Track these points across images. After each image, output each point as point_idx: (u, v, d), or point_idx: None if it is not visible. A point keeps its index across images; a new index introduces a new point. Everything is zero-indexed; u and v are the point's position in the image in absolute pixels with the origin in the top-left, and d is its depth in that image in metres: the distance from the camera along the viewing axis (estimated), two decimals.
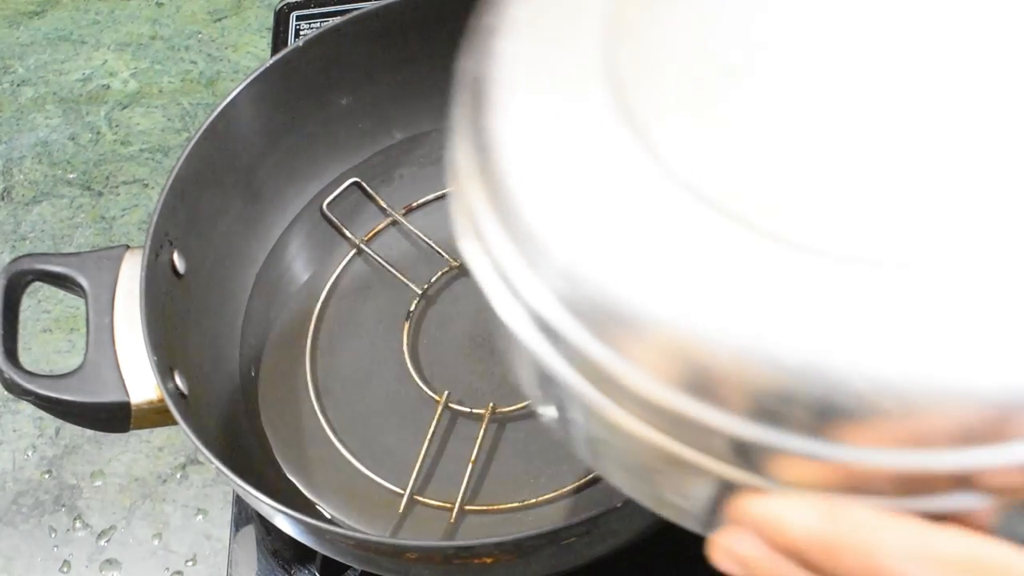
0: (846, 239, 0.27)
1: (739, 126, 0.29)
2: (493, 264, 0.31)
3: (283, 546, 0.62)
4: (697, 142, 0.29)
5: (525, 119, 0.31)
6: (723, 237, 0.27)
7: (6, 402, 0.72)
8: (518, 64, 0.32)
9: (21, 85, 0.90)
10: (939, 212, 0.27)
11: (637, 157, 0.29)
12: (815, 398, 0.26)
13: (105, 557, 0.67)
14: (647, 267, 0.28)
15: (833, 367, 0.26)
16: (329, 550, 0.52)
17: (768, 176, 0.29)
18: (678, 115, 0.30)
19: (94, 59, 0.91)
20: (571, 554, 0.49)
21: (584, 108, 0.30)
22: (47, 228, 0.82)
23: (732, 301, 0.27)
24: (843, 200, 0.28)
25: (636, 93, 0.30)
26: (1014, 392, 0.25)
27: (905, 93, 0.29)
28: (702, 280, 0.27)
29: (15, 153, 0.86)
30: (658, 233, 0.28)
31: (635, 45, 0.31)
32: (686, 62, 0.31)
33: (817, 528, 0.27)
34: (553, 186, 0.29)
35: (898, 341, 0.26)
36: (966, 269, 0.26)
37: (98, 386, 0.52)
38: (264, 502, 0.47)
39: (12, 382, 0.52)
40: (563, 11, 0.32)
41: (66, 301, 0.77)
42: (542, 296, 0.29)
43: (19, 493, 0.70)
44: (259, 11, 0.93)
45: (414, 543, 0.45)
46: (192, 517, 0.67)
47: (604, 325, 0.28)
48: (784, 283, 0.27)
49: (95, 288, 0.54)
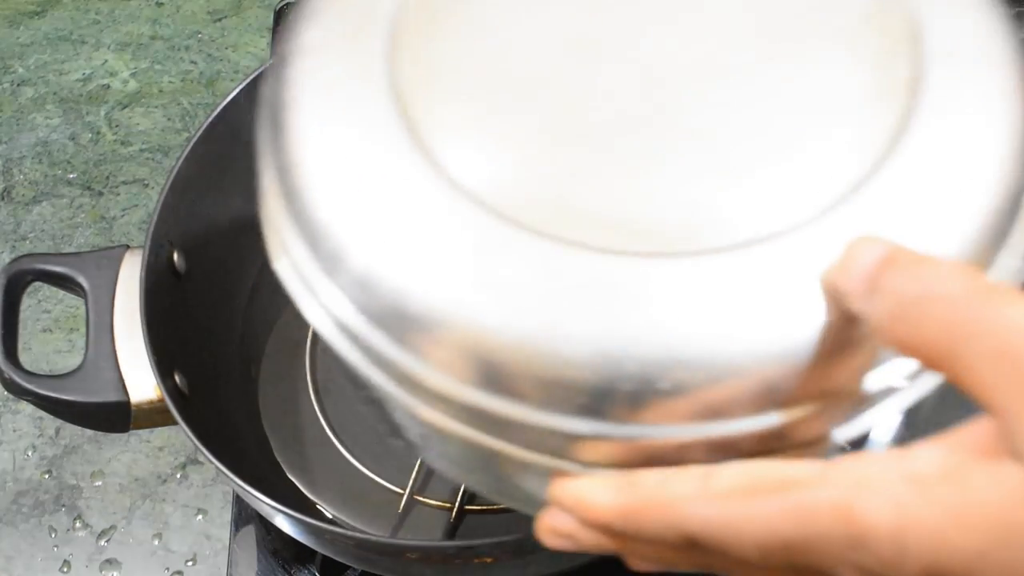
0: (615, 235, 0.30)
1: (516, 134, 0.32)
2: (300, 278, 0.32)
3: (283, 546, 0.62)
4: (478, 151, 0.32)
5: (319, 141, 0.32)
6: (504, 240, 0.30)
7: (6, 402, 0.72)
8: (309, 88, 0.34)
9: (21, 85, 0.90)
10: (697, 205, 0.30)
11: (420, 169, 0.31)
12: (597, 384, 0.29)
13: (105, 557, 0.67)
14: (435, 272, 0.30)
15: (610, 354, 0.28)
16: (329, 550, 0.52)
17: (544, 179, 0.31)
18: (458, 126, 0.32)
19: (94, 59, 0.91)
20: (571, 554, 0.49)
21: (371, 126, 0.32)
22: (47, 228, 0.82)
23: (515, 299, 0.29)
24: (612, 199, 0.30)
25: (419, 108, 0.32)
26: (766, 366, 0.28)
27: (664, 97, 0.32)
28: (486, 280, 0.29)
29: (15, 153, 0.86)
30: (443, 239, 0.30)
31: (417, 61, 0.33)
32: (465, 75, 0.33)
33: (615, 501, 0.30)
34: (346, 202, 0.31)
35: (663, 326, 0.28)
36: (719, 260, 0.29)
37: (98, 386, 0.52)
38: (264, 502, 0.47)
39: (12, 382, 0.52)
40: (348, 34, 0.34)
41: (66, 301, 0.77)
42: (343, 305, 0.31)
43: (19, 493, 0.69)
44: (259, 11, 0.93)
45: (414, 543, 0.45)
46: (192, 517, 0.67)
47: (401, 329, 0.30)
48: (562, 279, 0.29)
49: (95, 288, 0.54)
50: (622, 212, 0.30)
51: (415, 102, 0.32)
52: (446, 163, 0.31)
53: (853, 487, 0.27)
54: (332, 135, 0.32)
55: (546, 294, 0.29)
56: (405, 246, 0.30)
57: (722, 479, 0.28)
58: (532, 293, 0.29)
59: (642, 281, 0.29)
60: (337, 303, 0.32)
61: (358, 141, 0.32)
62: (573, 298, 0.29)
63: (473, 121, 0.32)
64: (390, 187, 0.31)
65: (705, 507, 0.28)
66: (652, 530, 0.29)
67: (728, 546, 0.28)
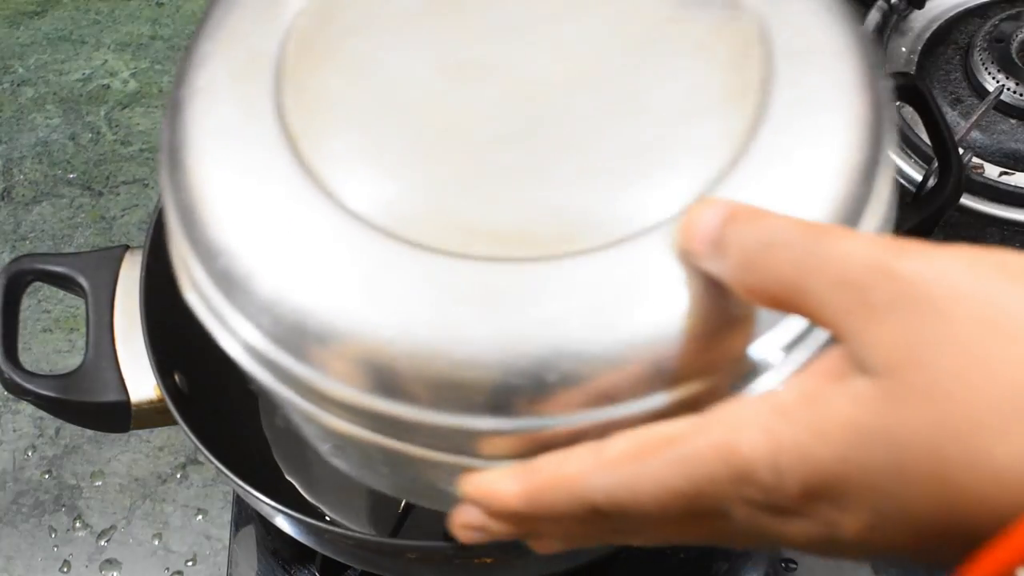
0: (497, 244, 0.32)
1: (400, 157, 0.34)
2: (209, 308, 0.35)
3: (283, 546, 0.62)
4: (364, 176, 0.34)
5: (215, 180, 0.35)
6: (393, 256, 0.32)
7: (6, 402, 0.72)
8: (203, 130, 0.36)
9: (21, 85, 0.90)
10: (571, 210, 0.33)
11: (312, 198, 0.34)
12: (490, 382, 0.31)
13: (105, 557, 0.67)
14: (331, 292, 0.32)
15: (499, 353, 0.31)
16: (329, 550, 0.52)
17: (428, 197, 0.33)
18: (345, 154, 0.34)
19: (94, 59, 0.91)
20: (571, 555, 0.49)
21: (263, 161, 0.35)
22: (47, 228, 0.82)
23: (406, 309, 0.31)
24: (492, 210, 0.33)
25: (307, 140, 0.35)
26: (648, 351, 0.31)
27: (536, 113, 0.35)
28: (378, 295, 0.32)
29: (15, 153, 0.86)
30: (336, 261, 0.32)
31: (302, 96, 0.36)
32: (348, 106, 0.36)
33: (518, 488, 0.32)
34: (244, 235, 0.34)
35: (546, 324, 0.31)
36: (594, 258, 0.32)
37: (98, 386, 0.52)
38: (264, 502, 0.47)
39: (12, 382, 0.52)
40: (236, 75, 0.37)
41: (66, 301, 0.77)
42: (249, 330, 0.34)
43: (19, 493, 0.70)
44: None
45: (414, 543, 0.45)
46: (192, 517, 0.67)
47: (303, 347, 0.32)
48: (450, 288, 0.31)
49: (95, 288, 0.54)
50: (503, 222, 0.33)
51: (303, 135, 0.35)
52: (335, 190, 0.33)
53: (729, 428, 0.29)
54: (227, 173, 0.35)
55: (435, 303, 0.31)
56: (301, 271, 0.32)
57: (613, 448, 0.31)
58: (422, 303, 0.31)
59: (525, 284, 0.31)
60: (244, 328, 0.34)
61: (251, 177, 0.34)
62: (461, 305, 0.31)
63: (358, 148, 0.35)
64: (284, 218, 0.33)
65: (601, 476, 0.30)
66: (557, 508, 0.31)
67: (628, 507, 0.30)
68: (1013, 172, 0.73)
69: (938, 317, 0.26)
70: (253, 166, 0.34)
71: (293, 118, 0.35)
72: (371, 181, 0.34)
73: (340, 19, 0.37)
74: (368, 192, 0.33)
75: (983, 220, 0.72)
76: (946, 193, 0.52)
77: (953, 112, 0.76)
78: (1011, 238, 0.72)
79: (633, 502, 0.30)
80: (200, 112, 0.36)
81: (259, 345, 0.33)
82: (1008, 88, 0.74)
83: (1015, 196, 0.72)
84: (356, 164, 0.34)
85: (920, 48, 0.78)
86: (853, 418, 0.27)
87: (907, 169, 0.73)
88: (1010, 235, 0.72)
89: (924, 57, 0.78)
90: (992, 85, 0.75)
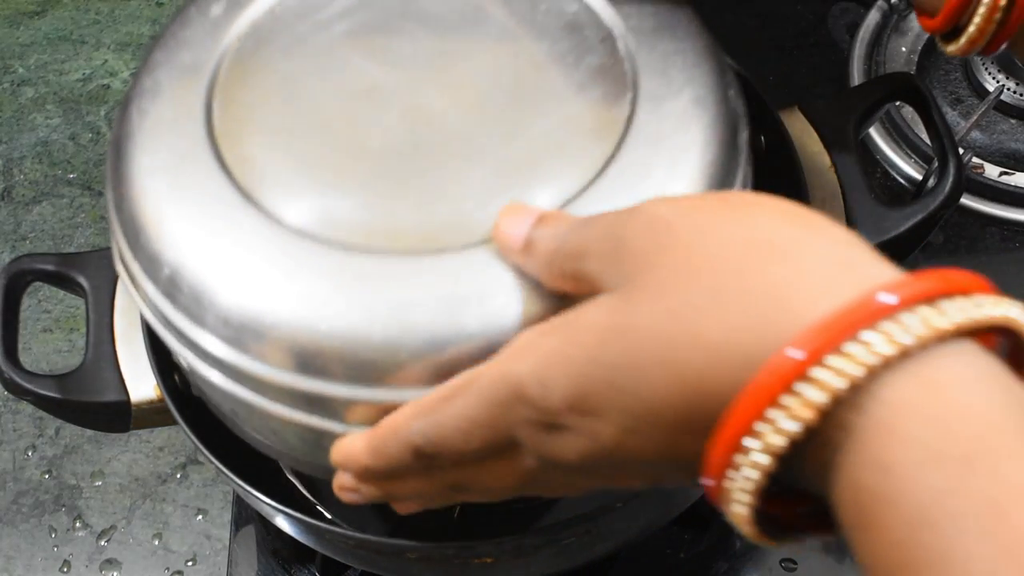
0: (382, 240, 0.38)
1: (310, 170, 0.41)
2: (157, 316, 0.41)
3: (283, 546, 0.62)
4: (278, 184, 0.40)
5: (144, 170, 0.41)
6: (313, 258, 0.38)
7: (6, 402, 0.73)
8: (142, 127, 0.42)
9: (21, 85, 0.90)
10: (446, 215, 0.39)
11: (223, 191, 0.40)
12: (345, 355, 0.37)
13: (105, 557, 0.67)
14: (262, 292, 0.38)
15: (357, 332, 0.37)
16: (329, 550, 0.52)
17: (335, 203, 0.40)
18: (262, 163, 0.41)
19: (94, 59, 0.91)
20: (571, 554, 0.49)
21: (187, 160, 0.41)
22: (47, 228, 0.82)
23: (316, 305, 0.37)
24: (384, 213, 0.39)
25: (232, 151, 0.41)
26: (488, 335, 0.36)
27: (430, 135, 0.41)
28: (302, 295, 0.38)
29: (15, 153, 0.86)
30: (267, 265, 0.38)
31: (228, 103, 0.42)
32: (265, 116, 0.42)
33: (363, 443, 0.37)
34: (191, 255, 0.39)
35: (401, 309, 0.37)
36: (453, 256, 0.38)
37: (98, 386, 0.52)
38: (264, 502, 0.47)
39: (12, 382, 0.52)
40: (176, 81, 0.43)
41: (66, 301, 0.77)
42: (186, 325, 0.39)
43: (19, 493, 0.70)
44: None
45: (414, 543, 0.45)
46: (192, 517, 0.67)
47: (243, 342, 0.38)
48: (319, 274, 0.38)
49: (95, 288, 0.54)
50: (379, 221, 0.39)
51: (225, 135, 0.41)
52: (247, 185, 0.40)
53: (509, 355, 0.33)
54: (155, 162, 0.41)
55: (307, 284, 0.38)
56: (240, 278, 0.38)
57: (429, 395, 0.35)
58: (297, 282, 0.38)
59: (386, 273, 0.37)
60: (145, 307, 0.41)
61: (176, 171, 0.41)
62: (331, 286, 0.37)
63: (270, 152, 0.41)
64: (202, 212, 0.40)
65: (419, 419, 0.35)
66: (392, 456, 0.36)
67: (440, 444, 0.35)
68: (1013, 172, 0.73)
69: (668, 234, 0.31)
70: (179, 159, 0.41)
71: (218, 122, 0.42)
72: (280, 181, 0.40)
73: (271, 44, 0.44)
74: (281, 197, 0.40)
75: (983, 220, 0.72)
76: (946, 193, 0.52)
77: (953, 112, 0.76)
78: (1011, 238, 0.72)
79: (442, 438, 0.34)
80: (141, 110, 0.43)
81: (213, 348, 0.39)
82: (1008, 88, 0.74)
83: (1015, 196, 0.72)
84: (268, 166, 0.41)
85: (920, 48, 0.78)
86: (598, 321, 0.31)
87: (907, 169, 0.73)
88: (1010, 235, 0.72)
89: (924, 57, 0.78)
90: (992, 85, 0.75)
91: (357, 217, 0.39)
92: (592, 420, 0.31)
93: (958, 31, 0.42)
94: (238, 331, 0.38)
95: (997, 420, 0.26)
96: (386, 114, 0.41)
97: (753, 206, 0.31)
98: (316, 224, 0.39)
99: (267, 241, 0.39)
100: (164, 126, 0.42)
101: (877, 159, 0.75)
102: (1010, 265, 0.71)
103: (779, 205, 0.31)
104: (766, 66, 0.80)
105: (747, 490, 0.28)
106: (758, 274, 0.29)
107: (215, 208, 0.40)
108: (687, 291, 0.30)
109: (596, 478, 0.34)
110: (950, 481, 0.25)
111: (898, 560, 0.26)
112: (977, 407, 0.26)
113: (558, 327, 0.32)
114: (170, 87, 0.43)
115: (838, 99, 0.56)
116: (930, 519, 0.25)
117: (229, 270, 0.38)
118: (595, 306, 0.32)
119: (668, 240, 0.31)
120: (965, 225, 0.72)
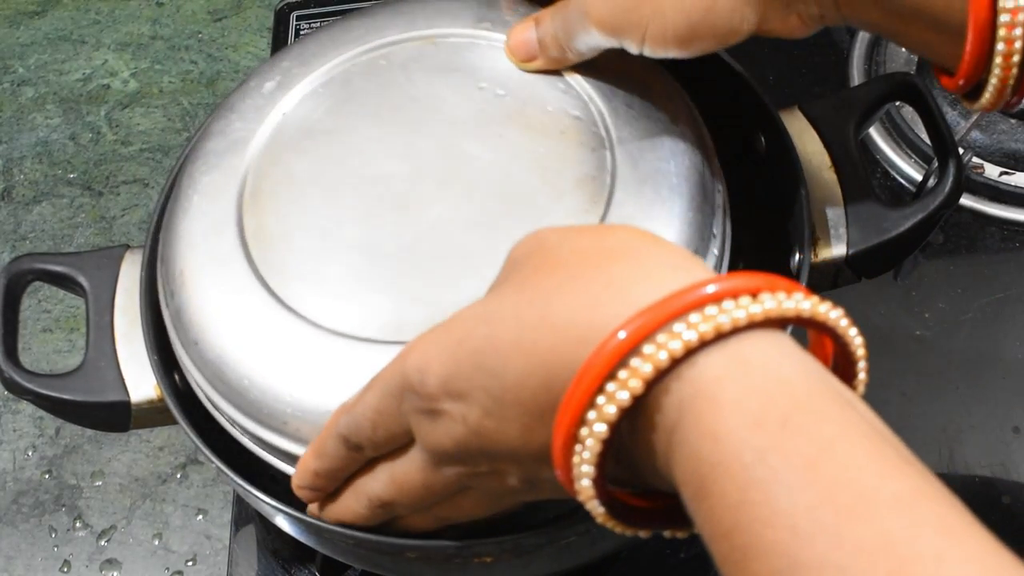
0: (367, 331, 0.44)
1: (318, 265, 0.47)
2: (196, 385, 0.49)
3: (283, 546, 0.62)
4: (308, 286, 0.46)
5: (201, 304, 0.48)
6: (315, 344, 0.45)
7: (6, 402, 0.73)
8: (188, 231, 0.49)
9: (21, 85, 0.90)
10: (432, 308, 0.43)
11: (262, 300, 0.46)
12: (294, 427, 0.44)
13: (105, 557, 0.67)
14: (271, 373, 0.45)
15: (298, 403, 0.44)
16: (329, 550, 0.52)
17: (336, 295, 0.46)
18: (286, 266, 0.47)
19: (94, 59, 0.91)
20: (571, 554, 0.49)
21: (226, 266, 0.48)
22: (47, 228, 0.82)
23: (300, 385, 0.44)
24: (375, 306, 0.45)
25: (262, 258, 0.47)
26: None
27: (437, 238, 0.46)
28: (297, 377, 0.45)
29: (15, 153, 0.86)
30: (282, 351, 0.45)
31: (258, 219, 0.49)
32: (298, 229, 0.48)
33: (311, 451, 0.42)
34: (222, 336, 0.46)
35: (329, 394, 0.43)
36: None
37: (98, 386, 0.52)
38: (264, 502, 0.47)
39: (12, 382, 0.52)
40: (212, 191, 0.50)
41: (66, 301, 0.77)
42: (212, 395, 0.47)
43: (19, 493, 0.70)
44: (259, 11, 0.93)
45: (414, 543, 0.45)
46: (192, 517, 0.67)
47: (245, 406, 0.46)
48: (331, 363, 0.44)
49: (95, 288, 0.54)
50: (384, 314, 0.45)
51: (258, 253, 0.47)
52: (281, 294, 0.46)
53: (405, 351, 0.37)
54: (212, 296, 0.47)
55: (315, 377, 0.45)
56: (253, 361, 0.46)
57: (354, 394, 0.39)
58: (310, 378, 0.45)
59: (373, 360, 0.42)
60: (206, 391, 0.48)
61: (230, 296, 0.47)
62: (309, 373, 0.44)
63: (294, 263, 0.47)
64: (241, 319, 0.46)
65: (343, 415, 0.39)
66: (331, 454, 0.41)
67: (355, 434, 0.39)
68: (1013, 172, 0.73)
69: (538, 244, 0.36)
70: (218, 263, 0.48)
71: (251, 237, 0.48)
72: (304, 287, 0.46)
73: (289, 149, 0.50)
74: (302, 295, 0.46)
75: (983, 220, 0.72)
76: (946, 193, 0.52)
77: (953, 112, 0.76)
78: (1011, 238, 0.72)
79: (358, 426, 0.39)
80: (186, 213, 0.50)
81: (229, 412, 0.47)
82: None
83: (1015, 196, 0.72)
84: (293, 270, 0.47)
85: None
86: (471, 313, 0.35)
87: (907, 169, 0.73)
88: (1010, 235, 0.72)
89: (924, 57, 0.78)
90: None
91: (367, 310, 0.45)
92: (461, 404, 0.35)
93: (980, 87, 0.41)
94: None
95: (806, 388, 0.30)
96: (398, 218, 0.47)
97: (615, 228, 0.37)
98: (342, 321, 0.45)
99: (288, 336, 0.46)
100: (203, 235, 0.49)
101: (877, 159, 0.75)
102: (1010, 265, 0.71)
103: (636, 229, 0.36)
104: (766, 66, 0.80)
105: (590, 462, 0.32)
106: (604, 271, 0.33)
107: (249, 307, 0.47)
108: (543, 283, 0.34)
109: (476, 478, 0.38)
110: (771, 440, 0.29)
111: (732, 521, 0.29)
112: (789, 378, 0.30)
113: (443, 322, 0.36)
114: (206, 199, 0.50)
115: (838, 99, 0.56)
116: (756, 477, 0.28)
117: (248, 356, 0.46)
118: (474, 303, 0.36)
119: (536, 248, 0.36)
120: (965, 225, 0.72)
